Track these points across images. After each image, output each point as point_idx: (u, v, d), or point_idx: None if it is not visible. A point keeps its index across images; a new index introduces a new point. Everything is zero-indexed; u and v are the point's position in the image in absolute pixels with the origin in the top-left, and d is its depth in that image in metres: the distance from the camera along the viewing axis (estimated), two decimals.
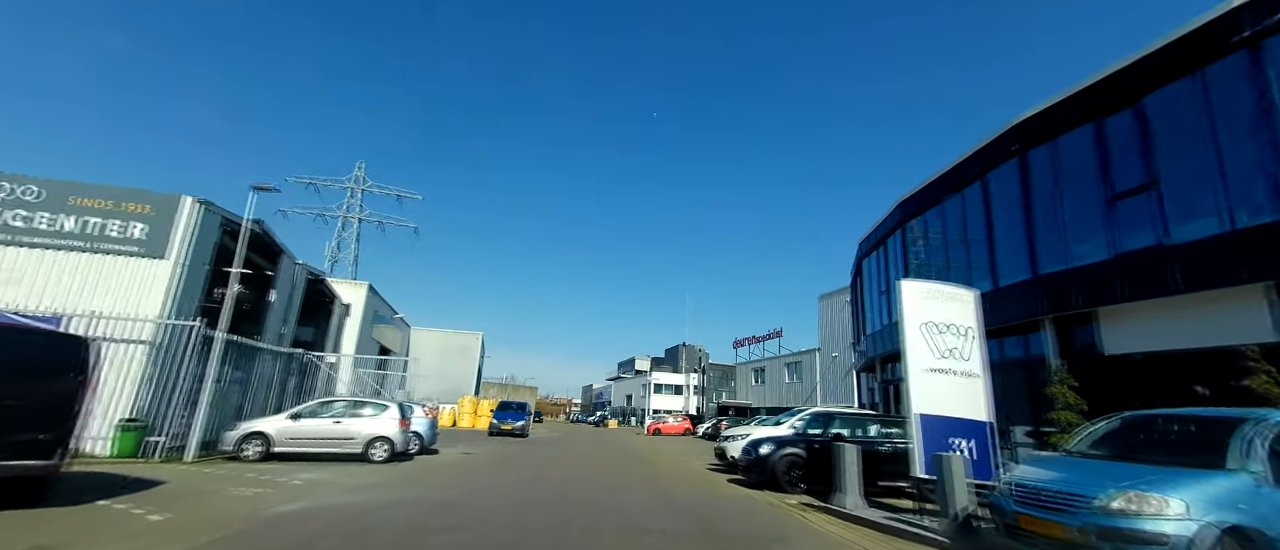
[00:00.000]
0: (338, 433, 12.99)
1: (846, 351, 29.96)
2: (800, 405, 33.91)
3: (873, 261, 16.10)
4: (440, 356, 41.55)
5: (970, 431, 7.14)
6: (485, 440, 24.40)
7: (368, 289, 27.19)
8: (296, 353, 18.09)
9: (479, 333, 43.15)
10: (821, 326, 32.85)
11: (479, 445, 21.03)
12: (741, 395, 43.34)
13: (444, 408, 38.46)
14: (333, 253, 70.62)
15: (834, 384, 30.80)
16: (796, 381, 35.17)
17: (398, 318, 34.34)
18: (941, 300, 7.79)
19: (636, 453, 21.28)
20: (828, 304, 32.50)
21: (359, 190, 72.69)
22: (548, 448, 21.68)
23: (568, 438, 31.33)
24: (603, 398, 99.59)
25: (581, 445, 24.23)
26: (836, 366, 30.70)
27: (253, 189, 12.94)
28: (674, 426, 43.62)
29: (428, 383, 40.84)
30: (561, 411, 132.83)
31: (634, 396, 77.84)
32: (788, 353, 36.83)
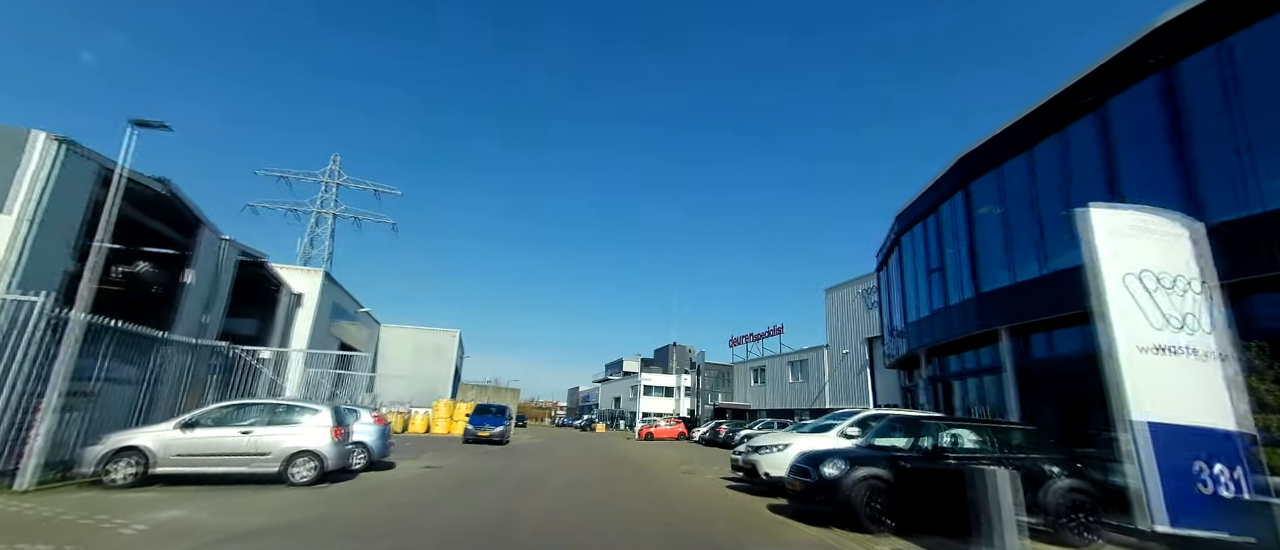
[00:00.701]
0: (246, 446, 9.80)
1: (859, 348, 27.33)
2: (806, 406, 31.21)
3: (918, 236, 13.50)
4: (413, 356, 38.10)
5: (1218, 448, 4.39)
6: (457, 449, 21.23)
7: (323, 277, 23.80)
8: (218, 346, 14.76)
9: (455, 330, 39.98)
10: (829, 322, 30.21)
11: (448, 455, 17.88)
12: (739, 396, 40.56)
13: (417, 412, 35.07)
14: (305, 250, 66.56)
15: (845, 383, 28.13)
16: (801, 381, 32.46)
17: (363, 312, 30.89)
18: (1154, 237, 5.00)
19: (634, 463, 18.28)
20: (836, 298, 29.86)
21: (334, 185, 68.93)
22: (529, 458, 18.59)
23: (553, 444, 28.23)
24: (589, 401, 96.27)
25: (568, 454, 21.22)
26: (847, 364, 28.03)
27: (130, 125, 9.62)
28: (667, 430, 40.67)
29: (399, 385, 37.35)
30: (546, 415, 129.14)
31: (622, 399, 74.76)
32: (791, 350, 34.17)
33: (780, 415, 32.37)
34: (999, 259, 10.58)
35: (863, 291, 27.45)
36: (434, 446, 22.15)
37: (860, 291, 27.69)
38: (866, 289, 27.18)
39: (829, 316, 30.28)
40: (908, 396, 16.53)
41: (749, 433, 29.73)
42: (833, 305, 30.11)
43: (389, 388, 37.01)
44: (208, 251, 15.49)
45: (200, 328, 15.56)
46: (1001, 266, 10.48)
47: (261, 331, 20.86)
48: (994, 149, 11.23)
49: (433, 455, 17.97)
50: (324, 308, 24.37)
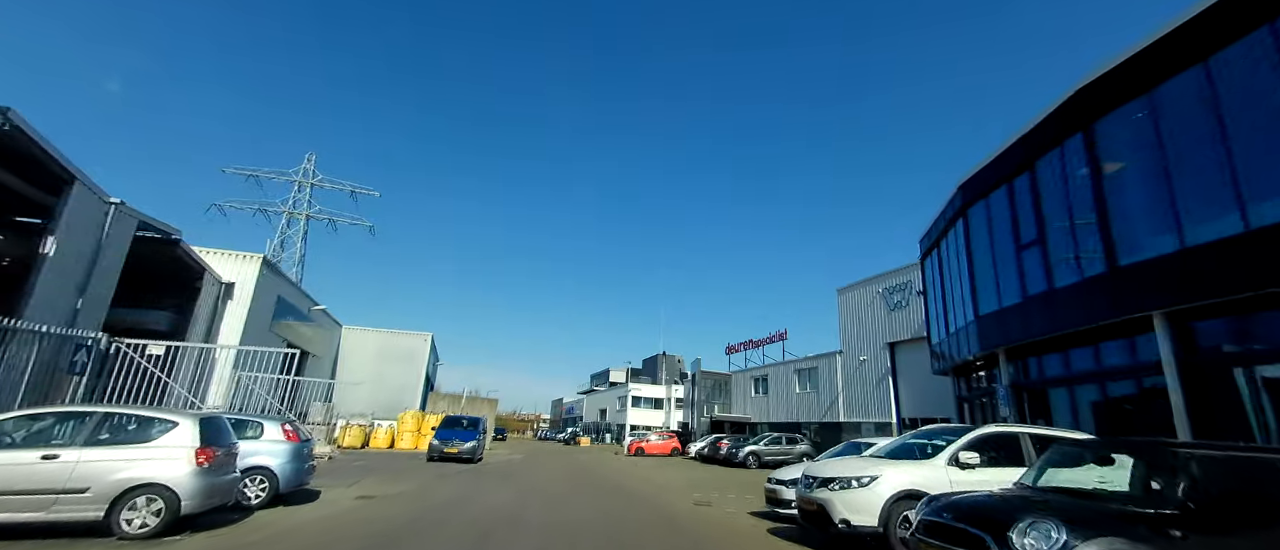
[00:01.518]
0: (47, 479, 6.35)
1: (879, 354, 24.39)
2: (817, 419, 28.10)
3: (1000, 204, 10.54)
4: (378, 362, 34.28)
5: None
6: (417, 469, 17.70)
7: (262, 265, 20.13)
8: (86, 337, 11.19)
9: (427, 333, 36.16)
10: (842, 325, 27.26)
11: (401, 478, 14.38)
12: (738, 408, 37.35)
13: (381, 425, 31.23)
14: (274, 253, 62.65)
15: (861, 393, 25.11)
16: (810, 391, 29.39)
17: (317, 310, 27.14)
18: None
19: (632, 490, 14.94)
20: (850, 299, 26.96)
21: (308, 185, 65.15)
22: (503, 482, 15.15)
23: (533, 461, 24.74)
24: (573, 413, 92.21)
25: (550, 474, 17.82)
26: (865, 372, 25.03)
27: None
28: (659, 445, 37.23)
29: (362, 393, 33.46)
30: (529, 427, 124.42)
31: (609, 411, 71.06)
32: (798, 357, 31.10)
33: (786, 429, 29.23)
34: (1151, 218, 7.68)
35: (883, 291, 24.57)
36: (391, 466, 18.56)
37: (879, 291, 24.82)
38: (888, 287, 24.31)
39: (842, 320, 27.36)
40: (968, 408, 13.51)
41: (755, 448, 26.52)
42: (846, 307, 27.18)
43: (350, 397, 33.13)
44: (83, 217, 11.95)
45: (72, 315, 11.97)
46: (1158, 229, 7.57)
47: (177, 327, 17.18)
48: (1134, 74, 8.15)
49: (379, 479, 14.43)
50: (263, 301, 20.68)
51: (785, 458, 26.03)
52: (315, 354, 29.02)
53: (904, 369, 23.29)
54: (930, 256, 14.92)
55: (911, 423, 22.58)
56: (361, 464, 19.37)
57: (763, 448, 26.01)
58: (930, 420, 21.39)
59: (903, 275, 23.51)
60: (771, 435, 26.79)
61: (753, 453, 25.75)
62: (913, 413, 22.46)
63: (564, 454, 34.89)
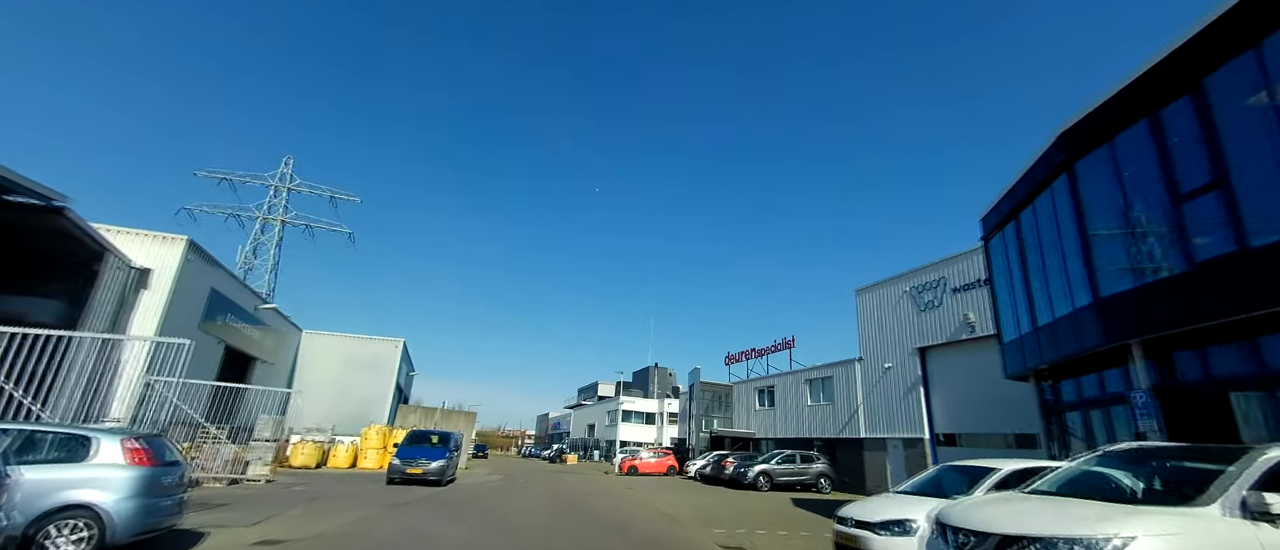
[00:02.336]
0: None
1: (907, 360, 21.58)
2: (833, 434, 25.15)
3: (1127, 152, 7.86)
4: (343, 370, 30.70)
5: None
6: (369, 495, 14.37)
7: (186, 249, 16.74)
8: None
9: (398, 339, 32.60)
10: (862, 330, 24.47)
11: (339, 512, 11.09)
12: (740, 422, 34.26)
13: (341, 441, 27.63)
14: (246, 259, 58.94)
15: (886, 405, 22.23)
16: (824, 403, 26.44)
17: (265, 308, 23.68)
18: None
19: (636, 527, 11.81)
20: (871, 301, 24.22)
21: (284, 189, 61.75)
22: (466, 517, 11.91)
23: (512, 483, 21.42)
24: (560, 428, 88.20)
25: (529, 501, 14.59)
26: (890, 382, 22.18)
27: None
28: (654, 464, 33.97)
29: (322, 404, 29.83)
30: (513, 444, 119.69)
31: (597, 426, 67.43)
32: (810, 366, 28.21)
33: (797, 445, 26.22)
34: None
35: (911, 290, 21.84)
36: (337, 491, 15.19)
37: (907, 290, 22.09)
38: (917, 286, 21.59)
39: (861, 324, 24.56)
40: (1067, 422, 10.64)
41: (766, 468, 23.25)
42: (867, 310, 24.41)
43: (309, 410, 29.48)
44: None
45: None
46: None
47: (69, 319, 13.78)
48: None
49: (309, 511, 11.14)
50: (190, 293, 17.29)
51: (801, 478, 23.00)
52: (265, 360, 25.49)
53: (938, 377, 20.49)
54: (999, 237, 12.19)
55: (947, 439, 19.74)
56: (302, 489, 15.96)
57: (775, 467, 22.96)
58: (974, 438, 18.54)
59: (934, 271, 20.85)
60: (784, 453, 23.76)
61: (764, 473, 22.68)
62: (949, 427, 19.62)
63: (549, 474, 31.46)
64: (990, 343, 18.32)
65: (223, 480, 16.51)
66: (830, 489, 23.02)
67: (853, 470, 23.33)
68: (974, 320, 18.78)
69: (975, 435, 18.60)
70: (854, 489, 22.98)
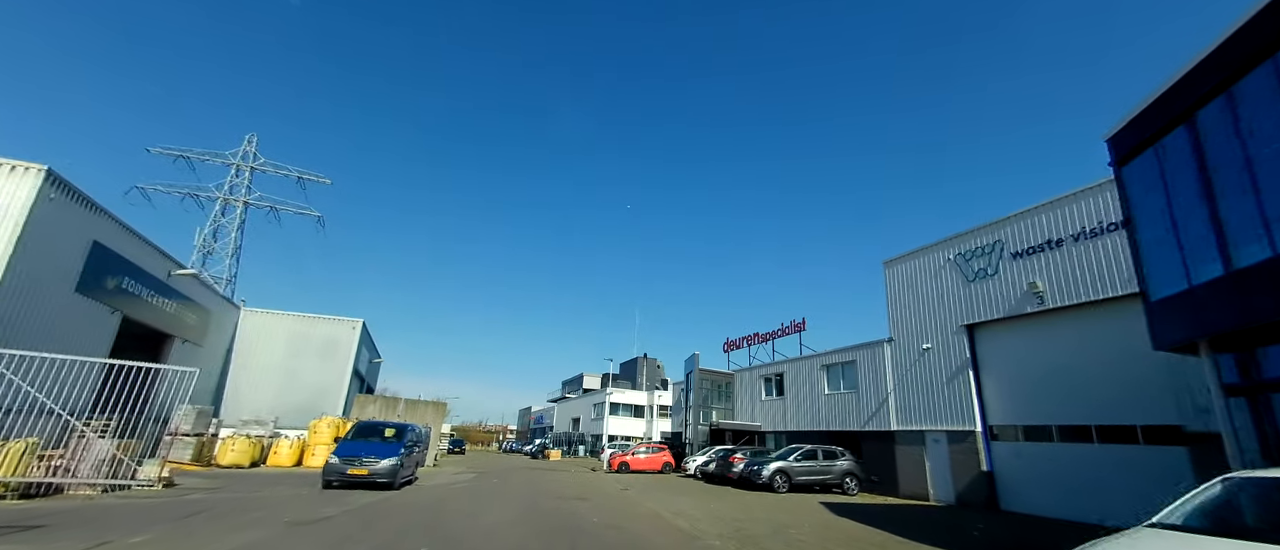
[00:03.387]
0: None
1: (950, 340, 18.40)
2: (857, 426, 21.94)
3: None
4: (289, 355, 26.59)
5: None
6: (287, 504, 10.63)
7: (43, 182, 12.61)
8: None
9: (356, 320, 28.49)
10: (892, 308, 21.25)
11: (210, 537, 7.37)
12: (742, 413, 30.98)
13: (286, 436, 23.64)
14: (205, 242, 54.01)
15: (925, 392, 19.03)
16: (846, 392, 23.21)
17: (180, 274, 19.54)
18: None
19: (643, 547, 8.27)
20: (903, 273, 21.01)
21: (247, 168, 56.92)
22: (406, 537, 8.24)
23: (484, 483, 17.76)
24: (542, 422, 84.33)
25: (502, 508, 10.98)
26: (928, 365, 18.99)
27: None
28: (647, 460, 30.54)
29: (265, 395, 25.73)
30: (494, 439, 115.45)
31: (583, 420, 63.82)
32: (828, 350, 24.95)
33: (815, 439, 22.98)
34: None
35: (958, 257, 18.63)
36: (249, 499, 11.41)
37: (951, 258, 18.88)
38: (966, 252, 18.38)
39: (891, 300, 21.32)
40: (1257, 409, 7.38)
41: (783, 466, 19.63)
42: (898, 283, 21.18)
43: (251, 399, 25.38)
44: None
45: None
46: None
47: None
48: None
49: (158, 537, 7.37)
50: (51, 243, 13.15)
51: (824, 477, 19.73)
52: (188, 339, 21.37)
53: (992, 359, 17.33)
54: (1148, 157, 8.90)
55: (1002, 432, 16.61)
56: (201, 497, 12.16)
57: (794, 464, 19.66)
58: (1040, 430, 15.37)
59: (988, 234, 17.65)
60: (803, 448, 20.46)
61: (781, 472, 19.37)
62: (1006, 418, 16.49)
63: (529, 471, 27.82)
64: (1067, 315, 15.22)
65: (98, 487, 12.59)
66: (857, 490, 19.81)
67: (882, 468, 20.14)
68: (1042, 289, 15.61)
69: (1043, 428, 15.46)
70: (885, 490, 19.78)
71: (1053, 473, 14.94)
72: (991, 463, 16.70)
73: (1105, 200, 14.40)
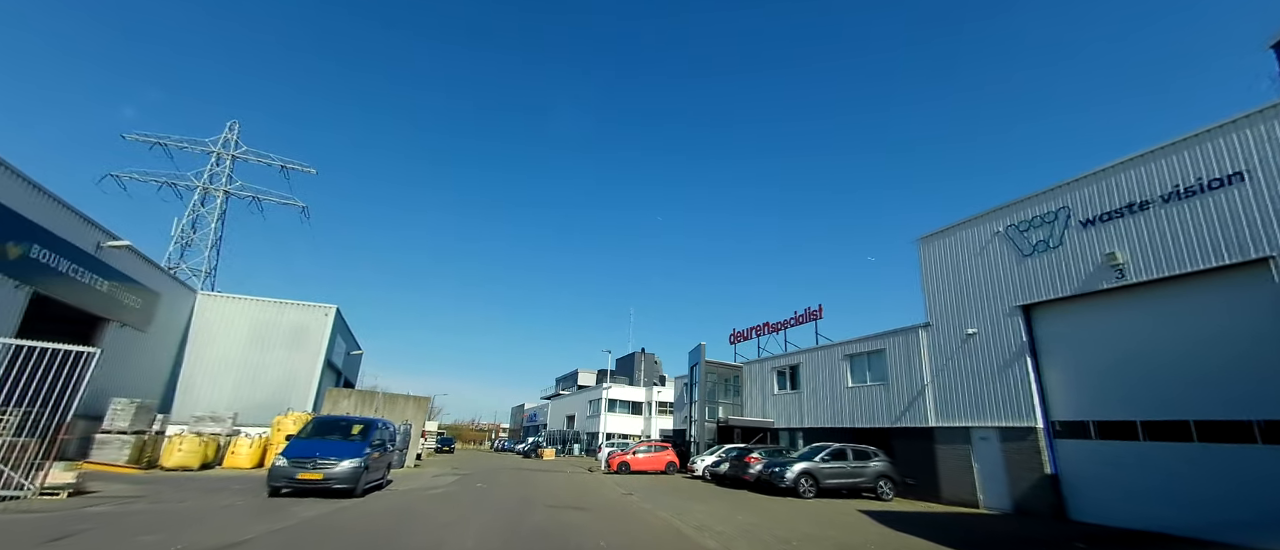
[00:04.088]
0: None
1: (1002, 323, 16.10)
2: (887, 423, 19.62)
3: None
4: (252, 344, 23.92)
5: None
6: (208, 520, 8.11)
7: None
8: None
9: (330, 306, 25.80)
10: (929, 291, 18.93)
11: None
12: (752, 409, 28.62)
13: (246, 434, 21.01)
14: (183, 233, 51.13)
15: (971, 383, 16.74)
16: (873, 384, 20.87)
17: (112, 246, 16.85)
18: None
19: None
20: (940, 249, 18.69)
21: (228, 156, 54.12)
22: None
23: (468, 488, 15.21)
24: (536, 420, 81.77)
25: (483, 522, 8.55)
26: (974, 353, 16.69)
27: None
28: (649, 459, 28.11)
29: (224, 389, 23.06)
30: (486, 437, 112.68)
31: (578, 417, 61.34)
32: (852, 339, 22.58)
33: (837, 437, 20.66)
34: None
35: (1010, 229, 16.31)
36: (169, 512, 8.90)
37: (1001, 230, 16.56)
38: (1020, 223, 16.06)
39: (928, 281, 18.99)
40: None
41: (809, 467, 16.95)
42: (935, 261, 18.85)
43: (209, 393, 22.70)
44: None
45: None
46: None
47: None
48: None
49: None
50: None
51: (856, 480, 17.38)
52: (128, 324, 18.72)
53: (1055, 344, 15.01)
54: None
55: (1069, 428, 14.28)
56: (106, 508, 9.64)
57: (821, 466, 17.29)
58: (1119, 426, 13.03)
59: (1049, 201, 15.30)
60: (830, 447, 18.09)
61: (807, 474, 17.00)
62: (1075, 412, 14.18)
63: (520, 472, 25.33)
64: (1154, 291, 12.89)
65: None
66: (892, 495, 17.48)
67: (920, 470, 17.80)
68: (1123, 261, 13.29)
69: (1122, 425, 13.13)
70: (923, 494, 17.45)
71: (1137, 477, 12.62)
72: (1056, 464, 14.38)
73: (1208, 152, 12.09)
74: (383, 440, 15.16)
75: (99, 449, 17.10)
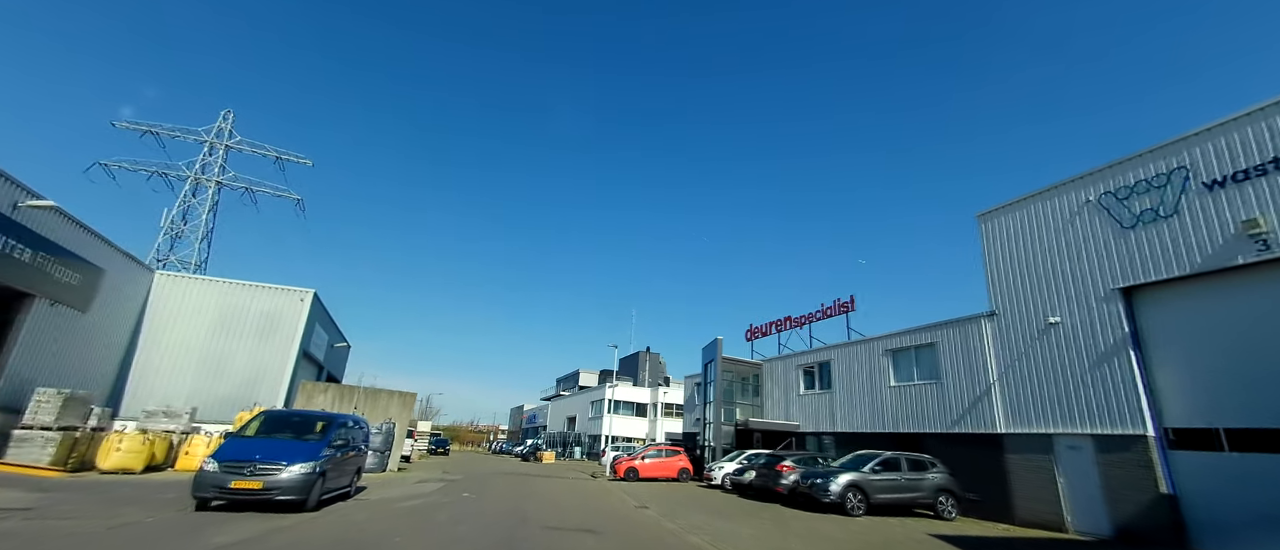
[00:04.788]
0: None
1: (1097, 310, 13.43)
2: (943, 427, 16.93)
3: None
4: (217, 331, 21.29)
5: None
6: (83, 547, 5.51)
7: None
8: None
9: (307, 290, 23.15)
10: (993, 274, 16.28)
11: None
12: (774, 411, 25.94)
13: (207, 431, 18.40)
14: (173, 224, 48.77)
15: (1051, 382, 14.02)
16: (921, 382, 18.19)
17: (37, 207, 14.22)
18: None
19: None
20: (1012, 224, 16.06)
21: (221, 146, 51.84)
22: None
23: (453, 498, 12.47)
24: (535, 421, 79.07)
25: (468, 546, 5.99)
26: (1055, 345, 14.01)
27: None
28: (660, 464, 25.36)
29: (183, 381, 20.45)
30: (484, 439, 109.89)
31: (579, 419, 58.63)
32: (895, 332, 19.89)
33: (878, 443, 18.03)
34: None
35: (1104, 196, 13.67)
36: (49, 530, 6.28)
37: (1093, 199, 13.92)
38: (1120, 188, 13.43)
39: (992, 263, 16.34)
40: None
41: (856, 478, 13.30)
42: (1001, 241, 16.21)
43: (162, 384, 20.08)
44: None
45: None
46: None
47: None
48: None
49: None
50: None
51: (912, 495, 14.69)
52: (61, 302, 16.13)
53: (1168, 334, 12.34)
54: None
55: (1190, 437, 11.60)
56: None
57: (871, 478, 14.60)
58: (1263, 436, 10.32)
59: (1160, 159, 12.64)
60: (880, 456, 15.40)
61: (855, 487, 14.31)
62: (1198, 417, 11.53)
63: (517, 478, 22.66)
64: None
65: None
66: (955, 512, 14.79)
67: (985, 483, 15.11)
68: (1267, 228, 10.64)
69: (1270, 433, 10.44)
70: (992, 512, 14.75)
71: None
72: (1173, 482, 11.68)
73: None
74: (349, 440, 12.51)
75: (17, 447, 14.47)
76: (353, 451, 13.20)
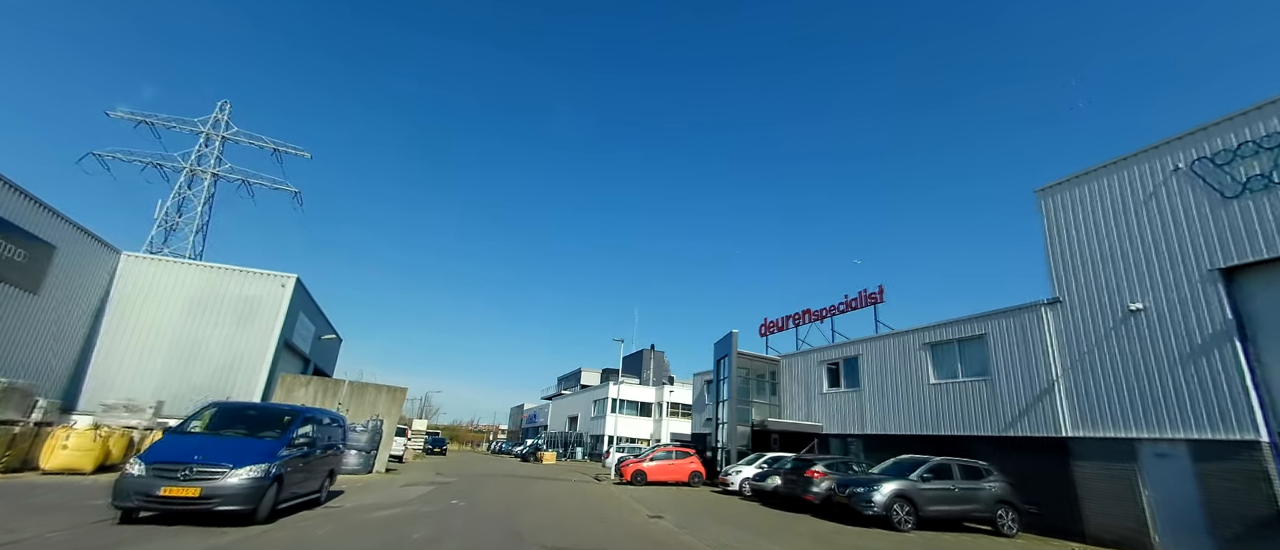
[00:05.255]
0: None
1: (1193, 292, 11.56)
2: (995, 430, 15.04)
3: None
4: (190, 317, 19.51)
5: None
6: None
7: None
8: None
9: (289, 275, 21.33)
10: (1056, 257, 14.40)
11: None
12: (793, 411, 24.06)
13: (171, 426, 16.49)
14: (167, 216, 47.20)
15: (1135, 377, 12.09)
16: (967, 380, 16.30)
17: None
18: None
19: None
20: (1083, 198, 14.17)
21: (218, 137, 50.24)
22: None
23: (438, 504, 10.54)
24: (536, 421, 77.25)
25: None
26: (1135, 335, 12.09)
27: None
28: (670, 466, 23.40)
29: (151, 372, 18.68)
30: (484, 439, 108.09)
31: (581, 418, 56.80)
32: (935, 323, 17.99)
33: (914, 446, 16.19)
34: None
35: (1199, 162, 11.84)
36: None
37: (1186, 166, 12.07)
38: (1223, 153, 11.60)
39: (1055, 243, 14.47)
40: None
41: (902, 488, 10.97)
42: (1067, 219, 14.32)
43: (127, 375, 18.31)
44: None
45: None
46: None
47: None
48: None
49: None
50: None
51: (968, 508, 12.80)
52: (8, 282, 14.37)
53: (1271, 317, 10.45)
54: None
55: None
56: None
57: (920, 487, 12.70)
58: None
59: (1268, 117, 10.80)
60: (929, 461, 13.50)
61: (902, 497, 12.41)
62: None
63: (515, 481, 20.83)
64: None
65: None
66: (1017, 528, 12.90)
67: (1046, 493, 13.23)
68: None
69: None
70: (1057, 528, 12.86)
71: None
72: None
73: None
74: (316, 439, 10.70)
75: None
76: (326, 451, 11.42)
